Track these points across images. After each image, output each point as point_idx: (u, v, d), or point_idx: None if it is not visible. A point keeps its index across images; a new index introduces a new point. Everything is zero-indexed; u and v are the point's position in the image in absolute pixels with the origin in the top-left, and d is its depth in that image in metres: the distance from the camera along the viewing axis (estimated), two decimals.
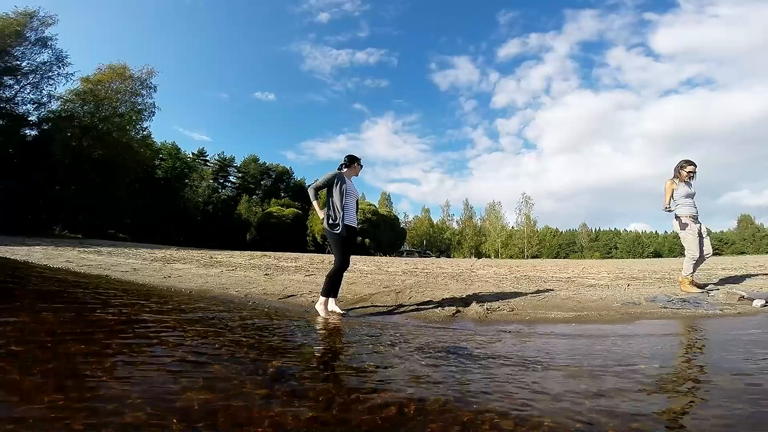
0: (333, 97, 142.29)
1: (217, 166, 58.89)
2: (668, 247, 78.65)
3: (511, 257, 61.64)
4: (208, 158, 59.30)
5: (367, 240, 47.45)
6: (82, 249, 12.81)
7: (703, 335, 2.99)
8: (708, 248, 4.95)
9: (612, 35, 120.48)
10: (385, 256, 36.84)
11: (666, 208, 5.10)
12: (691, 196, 5.00)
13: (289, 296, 4.86)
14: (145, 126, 34.93)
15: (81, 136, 29.32)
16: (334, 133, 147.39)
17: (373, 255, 37.11)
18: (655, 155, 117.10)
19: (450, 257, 61.18)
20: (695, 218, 4.96)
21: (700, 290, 4.79)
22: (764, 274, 6.46)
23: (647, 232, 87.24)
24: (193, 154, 56.58)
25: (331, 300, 3.87)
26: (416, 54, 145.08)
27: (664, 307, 3.89)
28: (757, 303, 3.87)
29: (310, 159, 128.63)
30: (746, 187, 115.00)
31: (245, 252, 19.36)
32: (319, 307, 3.69)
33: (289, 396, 1.54)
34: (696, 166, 4.99)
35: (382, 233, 51.19)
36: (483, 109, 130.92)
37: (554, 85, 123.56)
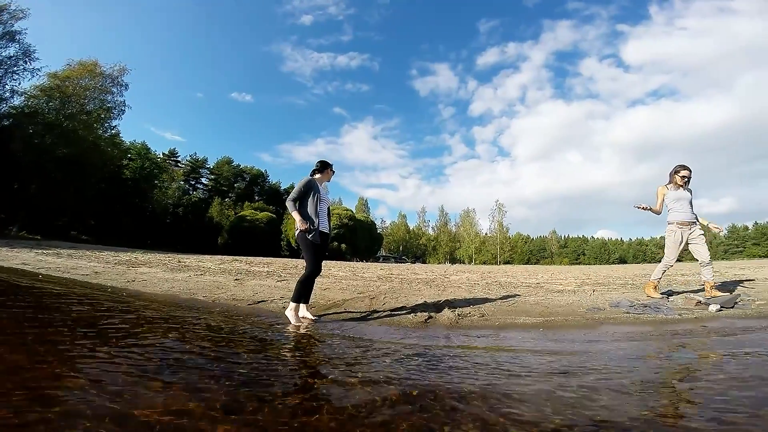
0: (313, 101, 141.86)
1: (189, 167, 57.08)
2: (633, 254, 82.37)
3: (484, 263, 62.83)
4: (179, 159, 57.48)
5: (343, 245, 47.14)
6: (39, 251, 12.07)
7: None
8: (704, 255, 4.76)
9: (586, 46, 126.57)
10: (362, 261, 36.71)
11: (651, 210, 5.02)
12: (683, 200, 4.91)
13: (259, 302, 4.74)
14: (114, 124, 33.81)
15: (44, 133, 27.84)
16: (313, 137, 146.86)
17: (350, 260, 36.89)
18: (623, 164, 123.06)
19: (425, 263, 61.64)
20: (688, 224, 4.86)
21: (661, 296, 4.97)
22: (730, 282, 6.85)
23: (613, 239, 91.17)
24: (163, 154, 54.75)
25: (302, 306, 3.81)
26: (398, 60, 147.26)
27: (627, 313, 4.05)
28: (713, 308, 4.08)
29: (287, 162, 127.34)
30: (705, 196, 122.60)
31: (216, 256, 18.82)
32: (289, 313, 3.62)
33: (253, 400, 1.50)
34: (690, 171, 4.91)
35: (359, 239, 51.04)
36: (461, 117, 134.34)
37: (529, 93, 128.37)
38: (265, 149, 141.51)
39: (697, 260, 4.89)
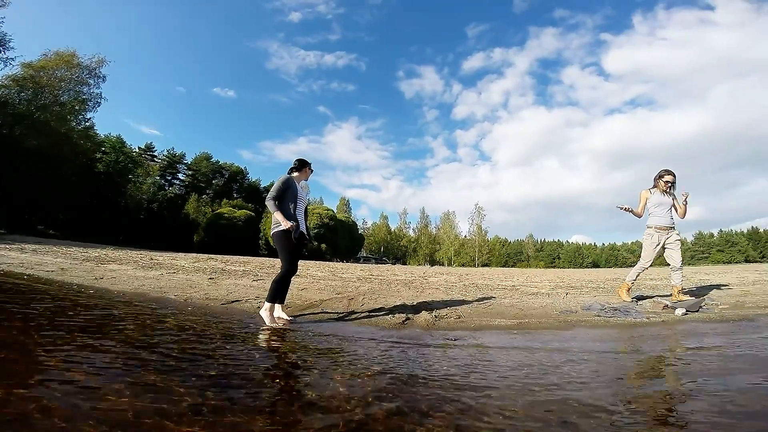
0: (297, 98, 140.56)
1: (166, 162, 55.40)
2: (605, 258, 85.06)
3: (463, 265, 63.57)
4: (156, 153, 55.73)
5: (323, 245, 46.79)
6: (2, 245, 11.46)
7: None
8: (676, 260, 4.88)
9: (569, 54, 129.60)
10: (342, 262, 36.54)
11: (632, 212, 5.09)
12: (664, 205, 4.99)
13: (233, 301, 4.64)
14: (88, 117, 32.91)
15: (14, 123, 26.58)
16: (295, 135, 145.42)
17: (330, 261, 36.65)
18: (598, 171, 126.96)
19: (405, 264, 61.92)
20: (666, 229, 4.96)
21: (632, 299, 5.11)
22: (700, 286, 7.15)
23: (587, 243, 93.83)
24: (139, 148, 52.96)
25: (277, 306, 3.74)
26: (386, 61, 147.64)
27: (597, 316, 4.17)
28: (679, 312, 4.25)
29: (268, 160, 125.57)
30: None
31: (191, 254, 18.32)
32: (264, 313, 3.55)
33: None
34: (675, 177, 4.99)
35: (340, 239, 50.77)
36: (444, 120, 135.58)
37: (512, 99, 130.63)
38: (245, 146, 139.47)
39: (669, 264, 5.05)
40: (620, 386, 1.93)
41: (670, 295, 5.13)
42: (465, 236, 75.94)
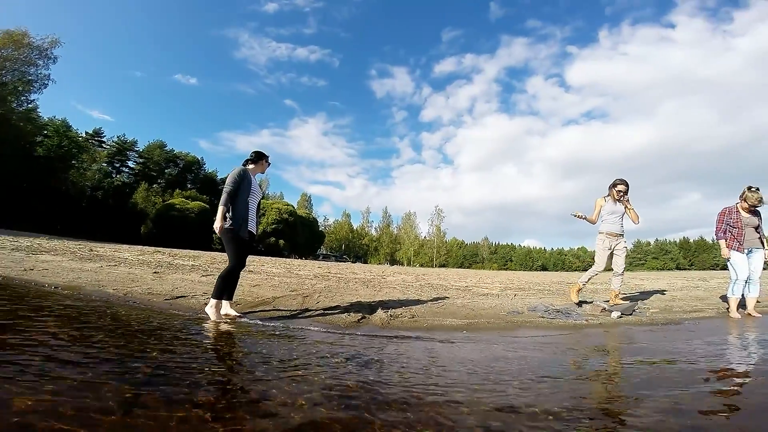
0: (263, 90, 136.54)
1: (115, 149, 51.70)
2: (553, 262, 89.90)
3: (422, 265, 64.68)
4: (104, 139, 51.91)
5: (281, 241, 45.74)
6: None
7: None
8: (619, 266, 5.13)
9: (536, 64, 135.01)
10: (301, 258, 35.86)
11: (586, 219, 5.31)
12: (616, 214, 5.19)
13: (178, 297, 4.40)
14: (32, 98, 30.64)
15: None
16: (258, 127, 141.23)
17: (288, 257, 35.86)
18: (552, 179, 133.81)
19: (366, 263, 61.98)
20: (616, 235, 5.15)
21: (579, 301, 5.35)
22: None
23: (538, 248, 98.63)
24: (87, 133, 49.15)
25: (225, 303, 3.59)
26: (359, 58, 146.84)
27: (541, 317, 4.39)
28: (614, 315, 4.56)
29: (227, 151, 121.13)
30: None
31: (136, 246, 17.25)
32: (209, 310, 3.38)
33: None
34: (627, 187, 5.17)
35: (299, 235, 49.85)
36: (412, 121, 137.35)
37: (477, 105, 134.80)
38: (204, 135, 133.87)
39: (611, 269, 5.37)
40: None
41: (608, 301, 5.49)
42: (425, 237, 77.40)
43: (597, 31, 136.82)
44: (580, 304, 5.38)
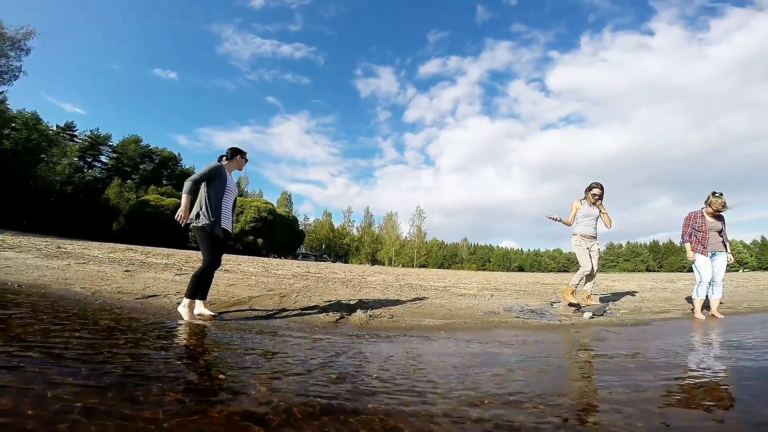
0: (245, 86, 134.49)
1: (87, 143, 49.69)
2: (530, 263, 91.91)
3: (402, 265, 64.93)
4: (76, 133, 49.85)
5: (260, 240, 44.98)
6: None
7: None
8: (594, 267, 5.22)
9: (519, 68, 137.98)
10: (280, 258, 35.39)
11: (562, 221, 5.39)
12: (591, 217, 5.29)
13: (150, 296, 4.25)
14: (1, 90, 29.23)
15: None
16: (239, 123, 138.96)
17: (266, 256, 35.32)
18: (529, 182, 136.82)
19: (347, 263, 61.73)
20: (589, 237, 5.25)
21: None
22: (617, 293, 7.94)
23: (515, 249, 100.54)
24: (58, 126, 47.18)
25: (198, 302, 3.50)
26: (345, 57, 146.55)
27: (517, 317, 4.48)
28: (587, 315, 4.69)
29: (205, 147, 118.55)
30: None
31: (107, 244, 16.62)
32: (182, 309, 3.28)
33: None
34: (602, 190, 5.27)
35: (278, 234, 49.12)
36: (396, 122, 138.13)
37: (460, 107, 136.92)
38: (182, 131, 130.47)
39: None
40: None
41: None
42: (406, 237, 77.74)
43: (579, 37, 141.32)
44: (551, 304, 5.50)
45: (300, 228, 65.18)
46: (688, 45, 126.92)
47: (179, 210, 3.25)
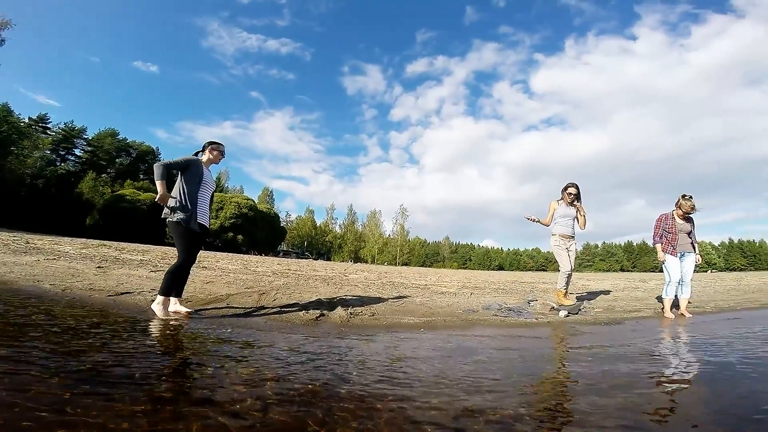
0: (228, 81, 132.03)
1: (61, 136, 47.86)
2: (509, 262, 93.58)
3: (385, 263, 65.02)
4: (50, 126, 47.98)
5: (240, 236, 44.28)
6: None
7: None
8: (571, 266, 5.33)
9: (504, 69, 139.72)
10: (260, 255, 34.87)
11: (540, 222, 5.48)
12: (568, 217, 5.39)
13: (123, 293, 4.12)
14: None
15: None
16: (221, 118, 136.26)
17: (246, 253, 34.75)
18: (510, 183, 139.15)
19: (329, 260, 61.40)
20: (567, 237, 5.36)
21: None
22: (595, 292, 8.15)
23: (495, 248, 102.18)
24: (30, 118, 45.28)
25: (174, 300, 3.41)
26: (332, 54, 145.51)
27: (495, 315, 4.55)
28: (562, 314, 4.79)
29: (186, 141, 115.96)
30: None
31: (79, 239, 16.03)
32: (156, 306, 3.19)
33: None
34: (578, 190, 5.38)
35: (259, 230, 48.47)
36: (381, 120, 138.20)
37: (445, 107, 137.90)
38: (161, 125, 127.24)
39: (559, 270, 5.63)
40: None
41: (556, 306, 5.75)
42: (389, 235, 77.91)
43: (564, 41, 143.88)
44: (528, 302, 5.61)
45: (281, 225, 64.49)
46: (669, 50, 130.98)
47: (158, 196, 3.22)
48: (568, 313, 4.86)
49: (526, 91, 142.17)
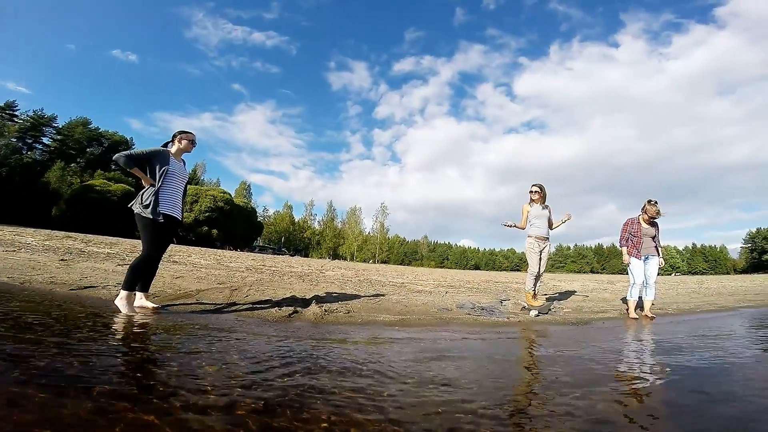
0: (210, 72, 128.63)
1: (29, 124, 45.53)
2: (485, 262, 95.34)
3: (364, 261, 64.95)
4: (17, 113, 45.53)
5: (214, 231, 43.25)
6: None
7: None
8: (541, 267, 5.45)
9: (488, 71, 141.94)
10: (236, 250, 34.16)
11: (516, 227, 5.55)
12: (542, 218, 5.47)
13: (86, 287, 3.95)
14: None
15: None
16: (200, 110, 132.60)
17: (221, 248, 33.95)
18: (488, 184, 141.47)
19: (307, 257, 60.80)
20: (542, 239, 5.51)
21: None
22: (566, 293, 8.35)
23: (472, 247, 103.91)
24: None
25: (140, 295, 3.29)
26: (319, 49, 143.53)
27: (468, 314, 4.61)
28: (533, 313, 4.91)
29: (161, 132, 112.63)
30: None
31: (43, 231, 15.25)
32: (119, 302, 3.07)
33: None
34: (539, 188, 5.53)
35: (235, 225, 47.50)
36: (365, 117, 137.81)
37: (429, 107, 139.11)
38: (136, 115, 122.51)
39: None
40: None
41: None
42: (368, 233, 77.83)
43: (549, 45, 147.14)
44: (501, 302, 5.71)
45: (259, 220, 63.42)
46: (649, 58, 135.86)
47: (143, 181, 3.28)
48: (539, 313, 4.98)
49: (508, 93, 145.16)
